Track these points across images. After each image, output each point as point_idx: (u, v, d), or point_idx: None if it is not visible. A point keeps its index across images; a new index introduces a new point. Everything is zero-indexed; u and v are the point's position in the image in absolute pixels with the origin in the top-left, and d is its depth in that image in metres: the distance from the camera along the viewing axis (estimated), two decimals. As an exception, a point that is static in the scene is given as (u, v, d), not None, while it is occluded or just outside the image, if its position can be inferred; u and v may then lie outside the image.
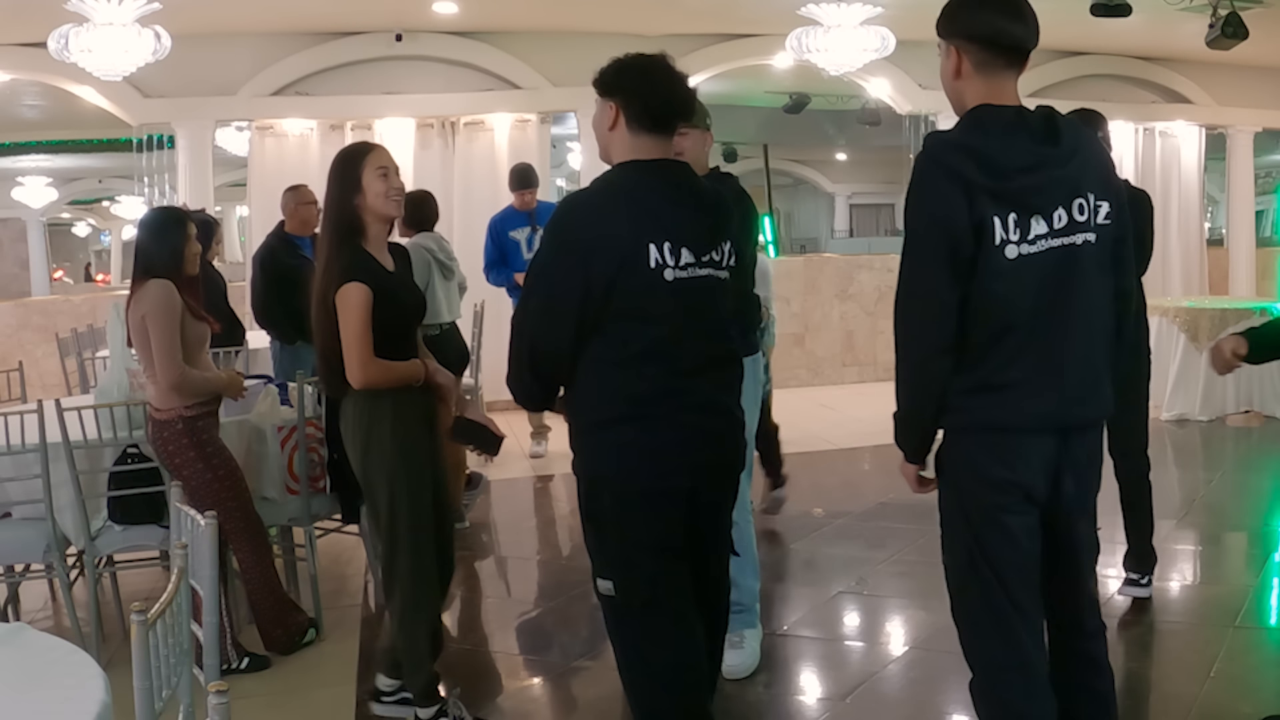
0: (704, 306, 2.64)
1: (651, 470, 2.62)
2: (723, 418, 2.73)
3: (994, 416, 2.38)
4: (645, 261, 2.54)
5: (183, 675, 2.13)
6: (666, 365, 2.60)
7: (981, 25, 2.38)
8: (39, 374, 8.16)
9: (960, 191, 2.28)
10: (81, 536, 4.06)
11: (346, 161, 3.39)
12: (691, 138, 3.73)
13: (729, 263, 2.71)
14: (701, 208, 2.68)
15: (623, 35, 9.62)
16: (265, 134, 9.35)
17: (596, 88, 2.68)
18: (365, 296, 3.22)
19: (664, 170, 2.66)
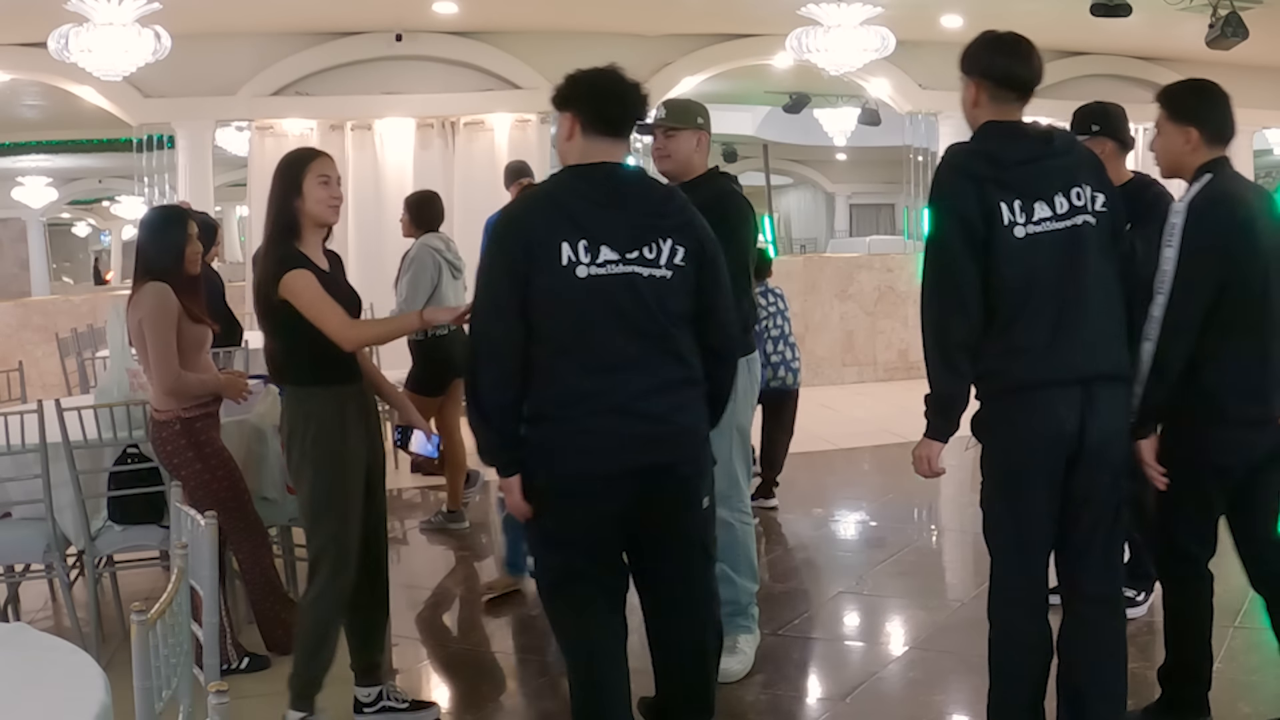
0: (628, 304, 2.65)
1: (569, 468, 2.70)
2: (648, 420, 2.69)
3: (1023, 375, 2.75)
4: (557, 258, 2.62)
5: (183, 675, 2.13)
6: (579, 363, 2.67)
7: (997, 68, 2.85)
8: (39, 374, 8.15)
9: (970, 184, 2.74)
10: (81, 536, 4.06)
11: (290, 165, 3.40)
12: (680, 138, 3.75)
13: (670, 261, 2.70)
14: (631, 206, 2.72)
15: (623, 35, 9.63)
16: (265, 134, 9.35)
17: (554, 104, 2.83)
18: (310, 277, 3.25)
19: (594, 172, 2.74)
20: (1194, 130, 3.02)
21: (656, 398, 2.69)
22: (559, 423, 2.70)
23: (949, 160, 2.85)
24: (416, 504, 6.67)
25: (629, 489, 2.70)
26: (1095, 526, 2.85)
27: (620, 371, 2.66)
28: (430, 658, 4.31)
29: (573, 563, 2.79)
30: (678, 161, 3.78)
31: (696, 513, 2.81)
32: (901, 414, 7.92)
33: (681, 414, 2.75)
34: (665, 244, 2.70)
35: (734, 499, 3.79)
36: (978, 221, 2.72)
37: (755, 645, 3.93)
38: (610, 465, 2.68)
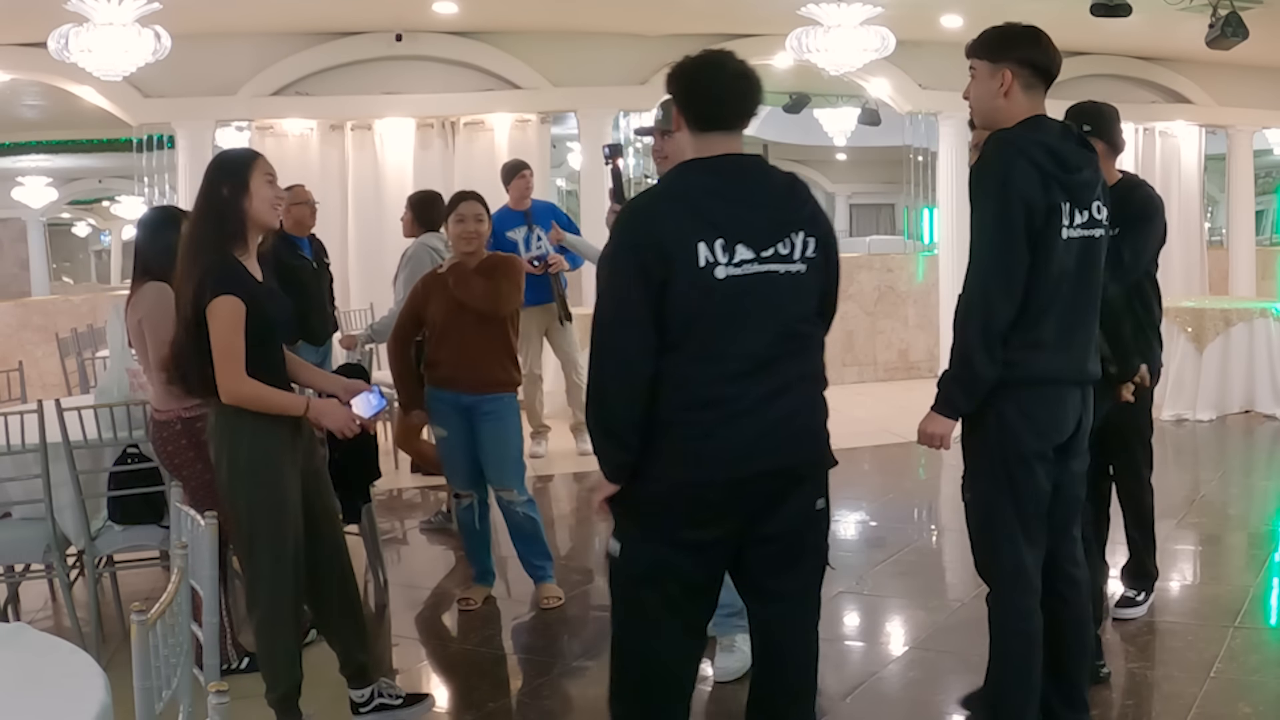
0: (766, 304, 2.54)
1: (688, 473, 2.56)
2: (778, 423, 2.57)
3: (1040, 371, 2.86)
4: (695, 260, 2.48)
5: (183, 675, 2.13)
6: (713, 369, 2.52)
7: (1037, 56, 2.90)
8: (39, 374, 8.16)
9: (1037, 174, 2.78)
10: (81, 536, 4.06)
11: (234, 164, 3.28)
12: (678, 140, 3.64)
13: (804, 254, 2.58)
14: (763, 201, 2.59)
15: (623, 35, 9.63)
16: (265, 134, 9.34)
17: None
18: (238, 310, 3.14)
19: (720, 165, 2.60)
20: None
21: (786, 399, 2.58)
22: (687, 427, 2.54)
23: (1014, 144, 2.82)
24: (416, 504, 6.67)
25: (754, 493, 2.59)
26: (1071, 513, 3.04)
27: (755, 375, 2.54)
28: (430, 658, 4.31)
29: (676, 564, 2.62)
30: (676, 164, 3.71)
31: (812, 515, 2.69)
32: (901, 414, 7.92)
33: (808, 413, 2.64)
34: (798, 237, 2.58)
35: None
36: (1041, 213, 2.78)
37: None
38: (738, 470, 2.55)
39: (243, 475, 3.25)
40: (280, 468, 3.27)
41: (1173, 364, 8.34)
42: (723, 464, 2.54)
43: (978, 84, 2.93)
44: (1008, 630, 2.97)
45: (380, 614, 4.74)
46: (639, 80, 9.65)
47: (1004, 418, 2.88)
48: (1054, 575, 3.02)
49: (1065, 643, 3.05)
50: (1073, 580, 3.06)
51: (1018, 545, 2.91)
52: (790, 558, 2.71)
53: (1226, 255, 11.84)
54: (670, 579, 2.63)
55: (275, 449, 3.27)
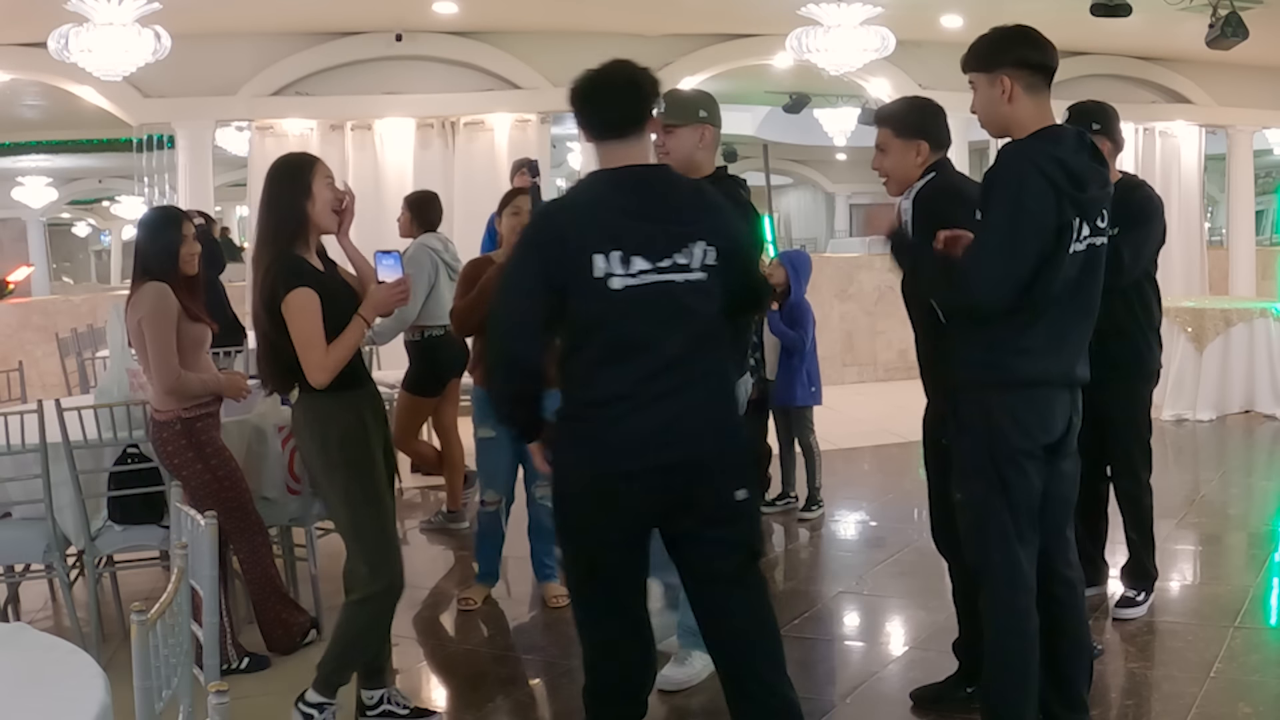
0: (663, 312, 2.68)
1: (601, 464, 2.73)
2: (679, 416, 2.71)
3: (1025, 374, 2.87)
4: (589, 270, 2.64)
5: (183, 675, 2.13)
6: (614, 370, 2.69)
7: (1032, 55, 2.88)
8: (39, 374, 8.16)
9: (1053, 195, 2.75)
10: (81, 536, 4.06)
11: (296, 168, 3.36)
12: (680, 135, 3.54)
13: (703, 263, 2.72)
14: (662, 212, 2.71)
15: (623, 35, 9.62)
16: (265, 134, 9.35)
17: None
18: (312, 300, 3.22)
19: (621, 177, 2.73)
20: (924, 144, 3.33)
21: (686, 395, 2.71)
22: (591, 421, 2.74)
23: (1030, 159, 2.78)
24: (416, 504, 6.66)
25: (661, 485, 2.72)
26: (1063, 513, 3.06)
27: (655, 376, 2.69)
28: (429, 658, 4.31)
29: (600, 556, 2.81)
30: (678, 161, 3.52)
31: (728, 508, 2.79)
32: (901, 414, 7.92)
33: (709, 407, 2.77)
34: (697, 247, 2.71)
35: None
36: (1052, 234, 2.77)
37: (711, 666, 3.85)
38: (638, 461, 2.70)
39: (338, 459, 3.32)
40: (370, 447, 3.37)
41: (1173, 364, 8.33)
42: (624, 456, 2.70)
43: (980, 96, 2.92)
44: (1003, 629, 2.96)
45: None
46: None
47: (992, 418, 2.89)
48: (1048, 576, 3.02)
49: (1062, 644, 3.05)
50: (1067, 581, 3.07)
51: (1011, 544, 2.91)
52: (717, 547, 2.82)
53: (1226, 255, 11.84)
54: (596, 567, 2.82)
55: (362, 430, 3.36)
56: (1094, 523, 4.37)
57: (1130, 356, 4.10)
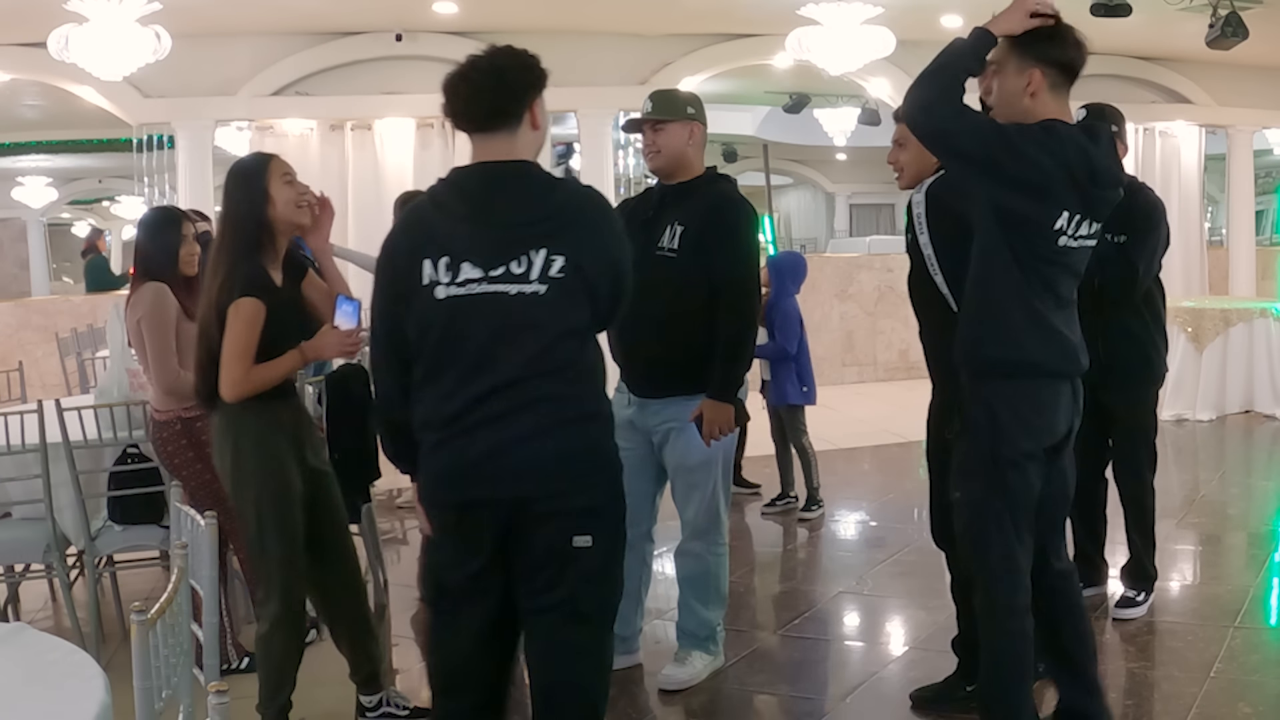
0: (492, 326, 2.38)
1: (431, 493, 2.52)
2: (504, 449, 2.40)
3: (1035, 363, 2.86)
4: (419, 278, 2.40)
5: (183, 675, 2.13)
6: (440, 389, 2.43)
7: (1063, 53, 2.84)
8: (39, 374, 8.15)
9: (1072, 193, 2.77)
10: (81, 536, 4.06)
11: (249, 172, 3.24)
12: (669, 131, 3.57)
13: (545, 274, 2.38)
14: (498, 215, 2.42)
15: (623, 35, 9.63)
16: (265, 134, 9.34)
17: None
18: (259, 313, 3.12)
19: (463, 176, 2.51)
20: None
21: (516, 427, 2.39)
22: (424, 446, 2.48)
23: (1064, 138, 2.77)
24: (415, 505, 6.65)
25: (487, 520, 2.44)
26: (1060, 510, 3.08)
27: (481, 400, 2.39)
28: (430, 658, 4.31)
29: (445, 583, 2.56)
30: (669, 158, 3.62)
31: (559, 552, 2.43)
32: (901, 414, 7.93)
33: (547, 440, 2.41)
34: (538, 255, 2.38)
35: (712, 534, 3.75)
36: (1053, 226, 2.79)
37: (711, 667, 3.85)
38: (465, 494, 2.44)
39: (249, 474, 3.22)
40: (285, 467, 3.25)
41: (1173, 364, 8.28)
42: (448, 486, 2.46)
43: (1004, 83, 2.86)
44: (1000, 629, 2.96)
45: (380, 614, 4.73)
46: (639, 80, 9.65)
47: (998, 419, 2.88)
48: (1044, 572, 3.03)
49: (1065, 633, 3.07)
50: (1061, 573, 3.09)
51: (1009, 544, 2.91)
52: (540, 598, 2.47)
53: (1226, 255, 11.84)
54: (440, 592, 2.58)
55: (280, 448, 3.25)
56: (1092, 523, 4.37)
57: (1138, 359, 4.11)
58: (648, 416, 3.69)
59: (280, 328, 3.19)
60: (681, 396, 3.60)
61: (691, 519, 3.75)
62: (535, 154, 2.55)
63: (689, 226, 3.55)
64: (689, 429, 3.59)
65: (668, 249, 3.56)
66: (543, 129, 2.55)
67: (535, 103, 2.50)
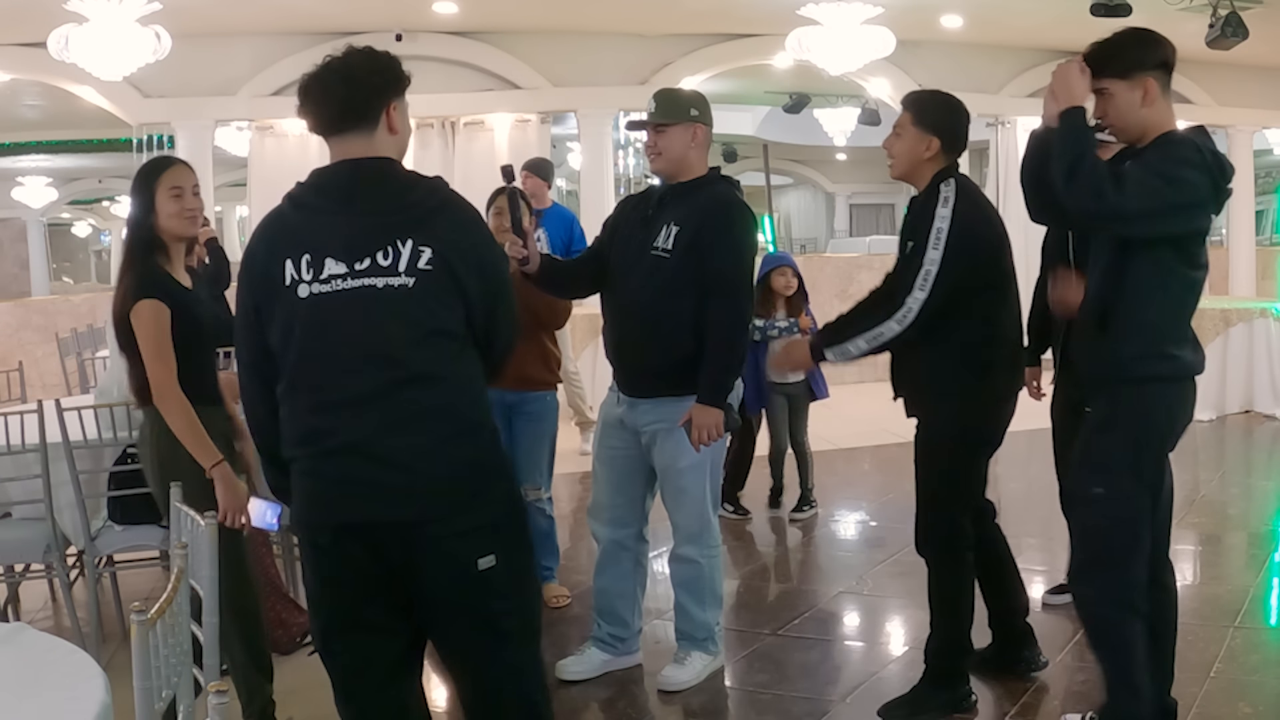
0: (361, 324, 2.23)
1: (303, 519, 2.36)
2: (384, 466, 2.23)
3: (1187, 365, 2.92)
4: (280, 278, 2.26)
5: (183, 675, 2.13)
6: (306, 398, 2.28)
7: (1170, 56, 2.86)
8: (39, 374, 8.16)
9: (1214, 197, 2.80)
10: (81, 536, 4.05)
11: (143, 178, 3.24)
12: (671, 133, 3.54)
13: (413, 265, 2.23)
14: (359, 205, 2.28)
15: (623, 35, 9.63)
16: (265, 134, 9.35)
17: None
18: (160, 313, 3.12)
19: (323, 175, 2.35)
20: (936, 140, 3.36)
21: (397, 437, 2.23)
22: (294, 463, 2.33)
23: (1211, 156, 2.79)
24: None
25: (367, 546, 2.27)
26: (1170, 506, 3.11)
27: (352, 406, 2.23)
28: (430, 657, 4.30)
29: (330, 623, 2.37)
30: (670, 160, 3.59)
31: (464, 579, 2.28)
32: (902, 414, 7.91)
33: (430, 459, 2.25)
34: (405, 245, 2.23)
35: (704, 537, 3.74)
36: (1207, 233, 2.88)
37: (711, 667, 3.86)
38: (338, 517, 2.28)
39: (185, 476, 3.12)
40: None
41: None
42: (325, 507, 2.29)
43: (1116, 101, 2.83)
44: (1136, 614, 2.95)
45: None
46: (639, 80, 9.66)
47: (1153, 416, 2.91)
48: (1160, 567, 3.07)
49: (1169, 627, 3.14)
50: (1170, 569, 3.15)
51: (1145, 541, 2.94)
52: (455, 623, 2.35)
53: (1226, 255, 11.83)
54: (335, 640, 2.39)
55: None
56: None
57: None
58: (637, 416, 3.69)
59: (189, 328, 3.19)
60: (670, 397, 3.59)
61: (682, 523, 3.74)
62: (398, 158, 2.40)
63: (684, 227, 3.54)
64: (678, 432, 3.57)
65: (661, 249, 3.55)
66: (403, 134, 2.39)
67: (392, 105, 2.36)
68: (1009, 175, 10.99)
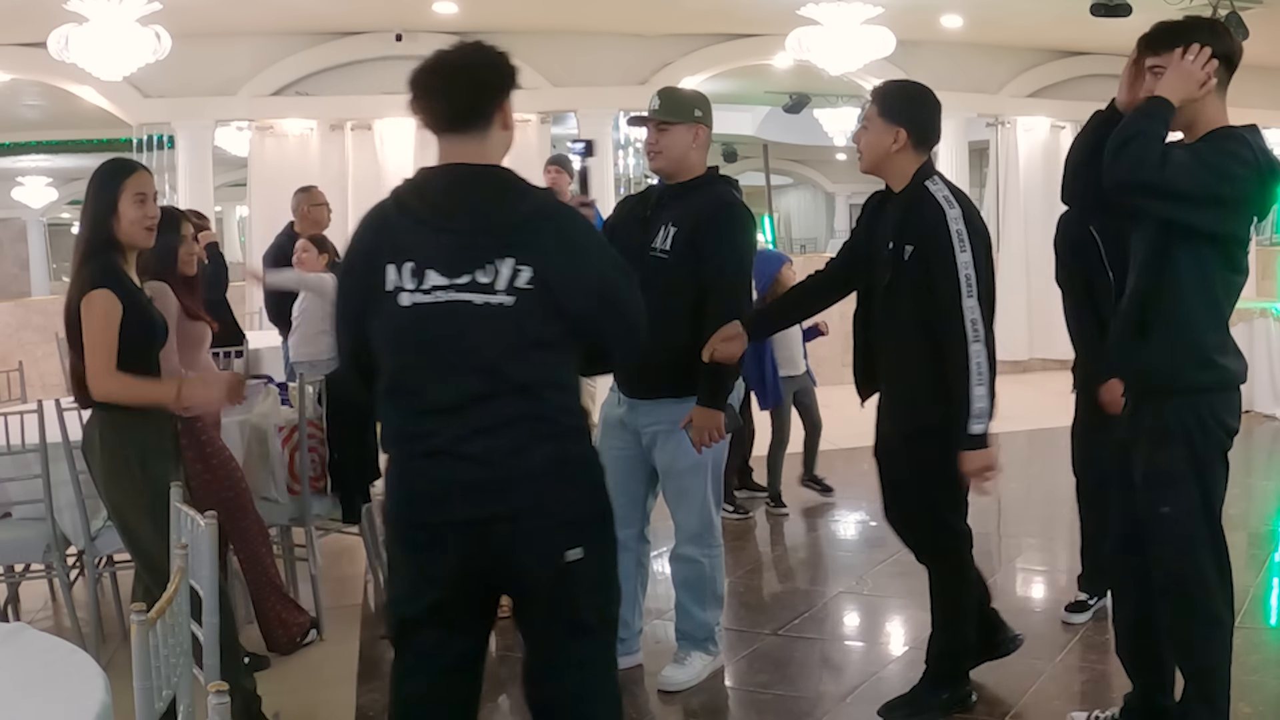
0: (457, 336, 2.26)
1: (399, 516, 2.39)
2: (478, 464, 2.28)
3: (1235, 374, 2.95)
4: (382, 284, 2.28)
5: (183, 675, 2.13)
6: (403, 402, 2.33)
7: (1234, 51, 2.81)
8: (39, 374, 8.15)
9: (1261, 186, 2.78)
10: (81, 536, 4.05)
11: (106, 180, 3.21)
12: (674, 133, 3.55)
13: (511, 285, 2.25)
14: (465, 220, 2.30)
15: (623, 35, 9.64)
16: (265, 134, 9.35)
17: None
18: (113, 305, 3.09)
19: (430, 179, 2.36)
20: (903, 132, 3.23)
21: (490, 439, 2.28)
22: (394, 462, 2.39)
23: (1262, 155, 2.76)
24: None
25: (460, 541, 2.31)
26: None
27: (452, 413, 2.28)
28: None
29: (412, 615, 2.42)
30: (670, 160, 3.59)
31: (549, 572, 2.33)
32: (901, 414, 7.89)
33: (520, 456, 2.30)
34: (504, 264, 2.25)
35: (706, 537, 3.75)
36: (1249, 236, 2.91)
37: (711, 667, 3.87)
38: (432, 514, 2.32)
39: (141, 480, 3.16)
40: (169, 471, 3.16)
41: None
42: (422, 504, 2.34)
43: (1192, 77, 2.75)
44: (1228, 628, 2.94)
45: (380, 614, 4.74)
46: (639, 80, 9.66)
47: (1206, 426, 2.88)
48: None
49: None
50: None
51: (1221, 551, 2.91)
52: (539, 616, 2.42)
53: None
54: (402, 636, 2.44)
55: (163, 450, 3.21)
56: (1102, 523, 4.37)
57: None
58: (638, 417, 3.69)
59: (140, 326, 3.18)
60: (671, 399, 3.59)
61: (684, 523, 3.75)
62: (504, 156, 2.45)
63: (681, 228, 3.54)
64: (679, 434, 3.57)
65: (660, 249, 3.55)
66: (512, 130, 2.44)
67: (507, 103, 2.40)
68: (1009, 175, 10.99)
